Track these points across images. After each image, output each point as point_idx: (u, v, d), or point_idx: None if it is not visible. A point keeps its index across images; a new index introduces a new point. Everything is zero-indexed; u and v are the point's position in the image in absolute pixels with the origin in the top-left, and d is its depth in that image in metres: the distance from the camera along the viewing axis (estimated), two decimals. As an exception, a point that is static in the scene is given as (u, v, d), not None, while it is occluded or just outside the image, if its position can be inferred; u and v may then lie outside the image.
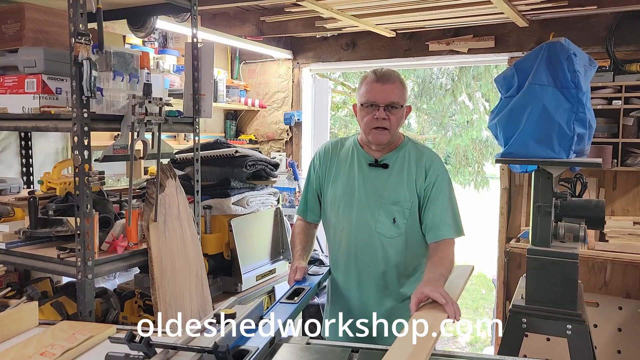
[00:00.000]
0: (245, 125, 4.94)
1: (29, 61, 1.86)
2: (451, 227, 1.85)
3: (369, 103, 1.85)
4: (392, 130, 1.87)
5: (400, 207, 1.87)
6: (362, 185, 1.92)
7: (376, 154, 1.94)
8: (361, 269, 1.93)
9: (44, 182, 2.08)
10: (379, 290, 1.92)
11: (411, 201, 1.87)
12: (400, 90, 1.86)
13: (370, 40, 4.34)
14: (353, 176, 1.94)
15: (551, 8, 3.40)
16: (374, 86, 1.85)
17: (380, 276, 1.91)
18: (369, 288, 1.93)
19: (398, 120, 1.87)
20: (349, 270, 1.96)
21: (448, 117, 9.67)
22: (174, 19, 2.67)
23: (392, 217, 1.87)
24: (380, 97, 1.83)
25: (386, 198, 1.88)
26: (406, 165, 1.91)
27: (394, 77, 1.87)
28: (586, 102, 2.03)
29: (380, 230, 1.88)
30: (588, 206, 2.20)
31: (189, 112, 2.16)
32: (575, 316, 1.97)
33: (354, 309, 1.96)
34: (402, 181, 1.89)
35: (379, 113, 1.83)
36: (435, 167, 1.90)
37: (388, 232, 1.88)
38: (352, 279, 1.95)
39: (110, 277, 2.75)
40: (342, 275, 1.98)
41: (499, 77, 2.22)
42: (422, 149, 1.96)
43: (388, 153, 1.93)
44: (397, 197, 1.87)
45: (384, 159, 1.92)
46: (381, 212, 1.88)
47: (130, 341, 1.17)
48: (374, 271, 1.91)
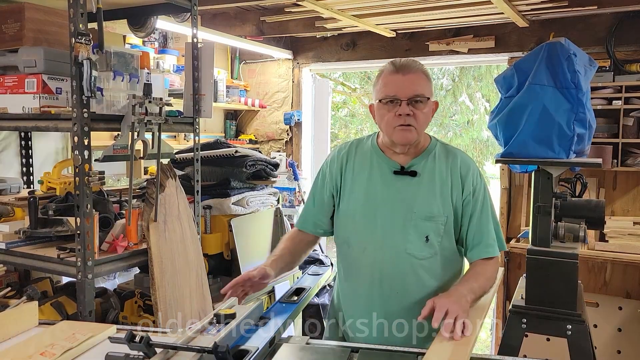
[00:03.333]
0: (245, 125, 4.94)
1: (29, 61, 1.86)
2: (495, 244, 1.63)
3: (389, 98, 1.57)
4: (420, 127, 1.59)
5: (434, 222, 1.59)
6: (386, 197, 1.62)
7: (401, 159, 1.65)
8: (387, 296, 1.61)
9: (44, 182, 2.08)
10: (408, 323, 1.59)
11: (446, 215, 1.60)
12: (425, 81, 1.58)
13: (370, 40, 4.34)
14: (375, 187, 1.65)
15: (551, 8, 3.40)
16: (393, 78, 1.57)
17: (413, 306, 1.57)
18: (394, 319, 1.60)
19: (425, 116, 1.58)
20: (371, 301, 1.63)
21: (448, 118, 9.68)
22: (174, 19, 2.67)
23: (424, 235, 1.59)
24: (401, 90, 1.55)
25: (417, 212, 1.59)
26: (437, 172, 1.63)
27: (416, 66, 1.59)
28: (586, 102, 2.03)
29: (411, 251, 1.59)
30: (588, 206, 2.20)
31: (189, 112, 2.16)
32: (575, 316, 1.97)
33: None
34: (435, 192, 1.61)
35: (402, 108, 1.55)
36: (472, 174, 1.64)
37: (420, 252, 1.59)
38: (376, 309, 1.63)
39: (110, 277, 2.74)
40: (363, 307, 1.65)
41: (499, 77, 2.22)
42: (454, 151, 1.68)
43: (415, 158, 1.64)
44: (431, 211, 1.59)
45: (411, 165, 1.63)
46: (411, 229, 1.59)
47: (130, 341, 1.17)
48: (404, 299, 1.61)
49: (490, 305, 1.59)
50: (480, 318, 1.48)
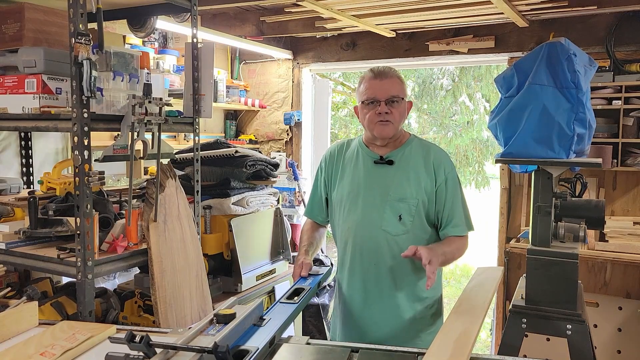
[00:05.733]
0: (245, 125, 4.94)
1: (29, 61, 1.86)
2: (464, 225, 1.91)
3: (369, 100, 1.87)
4: (396, 123, 1.88)
5: (406, 203, 1.87)
6: (367, 183, 1.92)
7: (382, 151, 1.94)
8: (367, 268, 1.91)
9: (44, 182, 2.08)
10: (384, 289, 1.90)
11: (417, 198, 1.87)
12: (399, 84, 1.89)
13: (370, 40, 4.34)
14: (358, 175, 1.95)
15: (551, 8, 3.40)
16: (372, 83, 1.87)
17: (387, 274, 1.89)
18: (373, 287, 1.91)
19: (401, 113, 1.89)
20: (353, 270, 1.94)
21: (448, 118, 9.68)
22: (174, 19, 2.67)
23: (398, 214, 1.87)
24: (380, 92, 1.85)
25: (392, 195, 1.88)
26: (412, 162, 1.91)
27: (392, 72, 1.90)
28: (586, 102, 2.03)
29: (386, 228, 1.87)
30: (588, 206, 2.20)
31: (189, 112, 2.16)
32: (575, 316, 1.97)
33: (357, 312, 1.95)
34: (409, 178, 1.89)
35: (381, 107, 1.85)
36: (444, 165, 1.91)
37: (394, 229, 1.87)
38: (356, 279, 1.94)
39: (110, 277, 2.75)
40: (347, 275, 1.97)
41: (498, 77, 2.21)
42: (429, 145, 1.97)
43: (393, 150, 1.94)
44: (404, 194, 1.87)
45: (389, 155, 1.93)
46: (387, 209, 1.87)
47: (130, 341, 1.17)
48: (380, 269, 1.89)
49: (490, 305, 1.60)
50: (480, 318, 1.48)
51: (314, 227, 2.12)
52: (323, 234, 2.15)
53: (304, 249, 2.00)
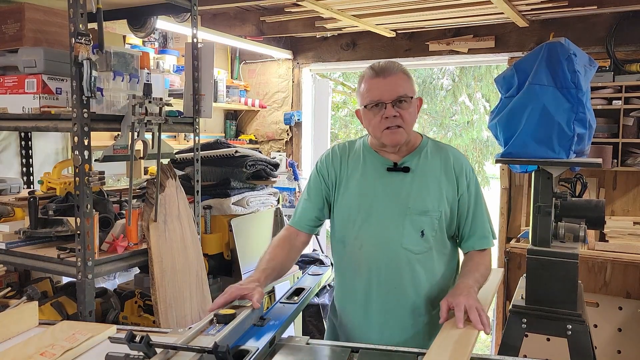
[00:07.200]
0: (245, 125, 4.94)
1: (29, 61, 1.86)
2: (489, 236, 1.68)
3: (373, 102, 1.58)
4: (407, 127, 1.60)
5: (429, 217, 1.61)
6: (381, 194, 1.64)
7: (394, 157, 1.66)
8: (385, 292, 1.62)
9: (44, 182, 2.08)
10: (406, 318, 1.63)
11: (440, 210, 1.62)
12: (406, 80, 1.60)
13: (370, 40, 4.34)
14: (368, 183, 1.66)
15: (551, 8, 3.40)
16: (375, 82, 1.59)
17: (409, 301, 1.62)
18: (394, 317, 1.63)
19: (411, 115, 1.61)
20: (369, 298, 1.64)
21: (448, 118, 9.68)
22: (174, 19, 2.67)
23: (420, 230, 1.60)
24: (384, 93, 1.57)
25: (412, 207, 1.60)
26: (430, 168, 1.65)
27: (395, 67, 1.60)
28: (586, 102, 2.03)
29: (407, 246, 1.60)
30: (588, 206, 2.20)
31: (189, 112, 2.16)
32: (575, 316, 1.97)
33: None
34: (429, 187, 1.63)
35: (388, 111, 1.56)
36: (465, 169, 1.67)
37: (416, 247, 1.60)
38: (372, 309, 1.64)
39: (110, 277, 2.74)
40: (361, 304, 1.66)
41: (498, 77, 2.21)
42: (445, 147, 1.72)
43: (407, 155, 1.66)
44: (425, 206, 1.61)
45: (404, 161, 1.65)
46: (407, 223, 1.60)
47: (130, 341, 1.17)
48: (401, 295, 1.62)
49: (490, 305, 1.60)
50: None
51: (290, 243, 1.72)
52: (297, 253, 1.75)
53: (261, 267, 1.59)
